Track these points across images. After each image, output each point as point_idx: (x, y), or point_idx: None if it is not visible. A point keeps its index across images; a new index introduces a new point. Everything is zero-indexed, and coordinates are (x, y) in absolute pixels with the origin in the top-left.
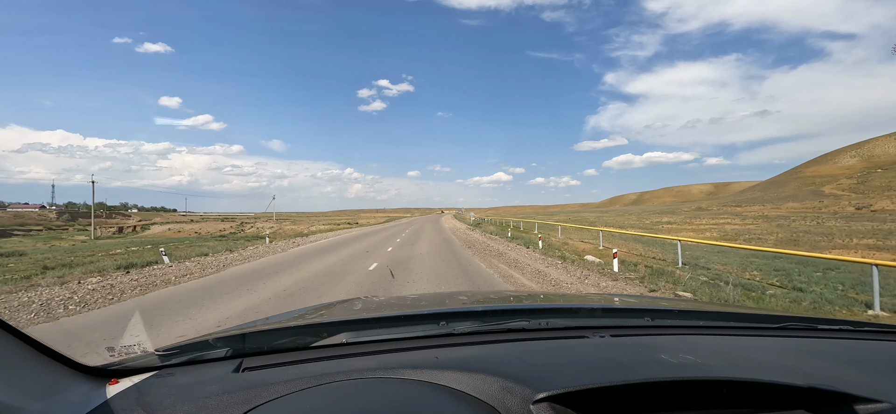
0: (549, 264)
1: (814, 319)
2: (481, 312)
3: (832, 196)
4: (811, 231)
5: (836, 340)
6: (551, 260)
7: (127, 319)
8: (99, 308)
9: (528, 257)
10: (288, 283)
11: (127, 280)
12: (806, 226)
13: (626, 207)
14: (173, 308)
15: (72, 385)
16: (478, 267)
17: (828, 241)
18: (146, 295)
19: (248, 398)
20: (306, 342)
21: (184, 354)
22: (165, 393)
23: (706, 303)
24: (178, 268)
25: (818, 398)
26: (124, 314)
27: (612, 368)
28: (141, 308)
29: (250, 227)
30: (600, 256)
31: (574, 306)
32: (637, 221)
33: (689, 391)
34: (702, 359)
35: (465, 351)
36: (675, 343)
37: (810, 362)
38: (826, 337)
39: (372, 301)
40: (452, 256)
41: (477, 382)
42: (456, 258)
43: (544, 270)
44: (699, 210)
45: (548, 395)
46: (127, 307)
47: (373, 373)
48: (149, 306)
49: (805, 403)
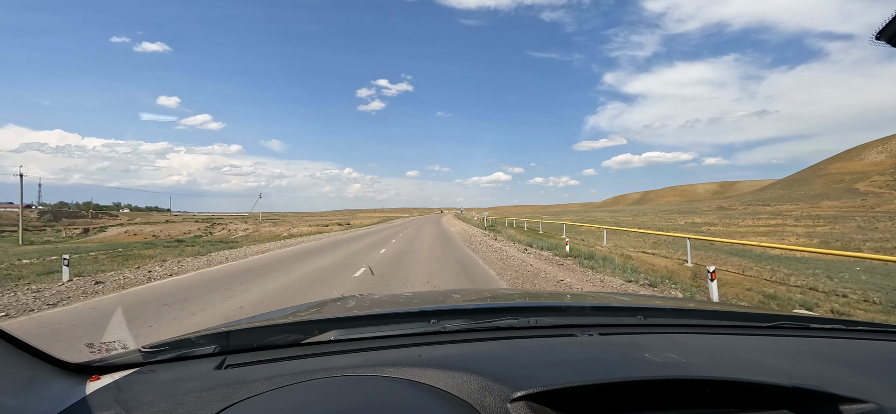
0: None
1: (807, 319)
2: (471, 310)
3: (871, 194)
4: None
5: (828, 339)
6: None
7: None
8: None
9: (615, 287)
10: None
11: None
12: (886, 226)
13: (631, 206)
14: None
15: (52, 381)
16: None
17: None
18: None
19: (227, 395)
20: (293, 340)
21: (168, 352)
22: (144, 389)
23: (701, 301)
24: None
25: (803, 398)
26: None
27: (594, 367)
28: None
29: (222, 229)
30: (694, 277)
31: (564, 305)
32: (665, 222)
33: (672, 391)
34: (686, 358)
35: (449, 349)
36: (661, 342)
37: (799, 362)
38: (818, 337)
39: (365, 299)
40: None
41: (457, 381)
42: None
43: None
44: (721, 209)
45: (525, 394)
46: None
47: (354, 370)
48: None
49: (790, 403)
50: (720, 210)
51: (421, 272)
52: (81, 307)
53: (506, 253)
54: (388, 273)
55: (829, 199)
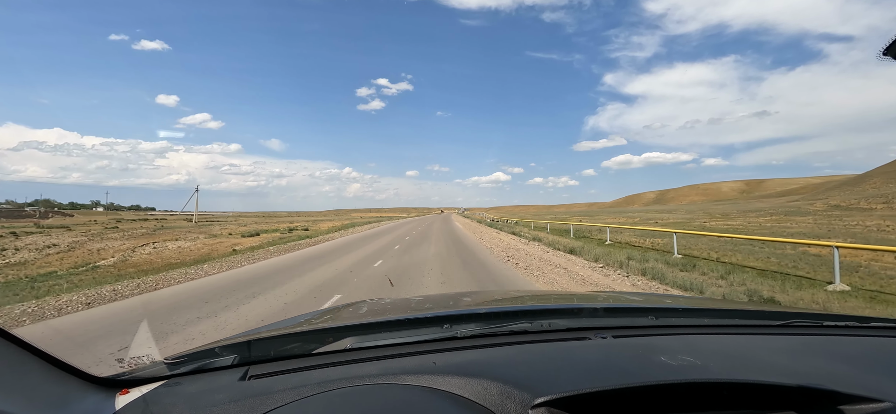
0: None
1: (820, 316)
2: (484, 314)
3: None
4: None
5: (841, 337)
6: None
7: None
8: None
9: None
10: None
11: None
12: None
13: (648, 206)
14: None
15: (84, 396)
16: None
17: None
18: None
19: (254, 406)
20: (311, 348)
21: (191, 363)
22: (173, 402)
23: (711, 299)
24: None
25: (819, 398)
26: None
27: (610, 370)
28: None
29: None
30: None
31: (576, 307)
32: (744, 223)
33: (689, 393)
34: (702, 360)
35: (466, 355)
36: (676, 344)
37: (811, 361)
38: (831, 334)
39: (378, 304)
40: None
41: (477, 387)
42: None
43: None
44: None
45: (546, 400)
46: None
47: (375, 379)
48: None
49: (806, 402)
50: (788, 214)
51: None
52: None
53: (576, 273)
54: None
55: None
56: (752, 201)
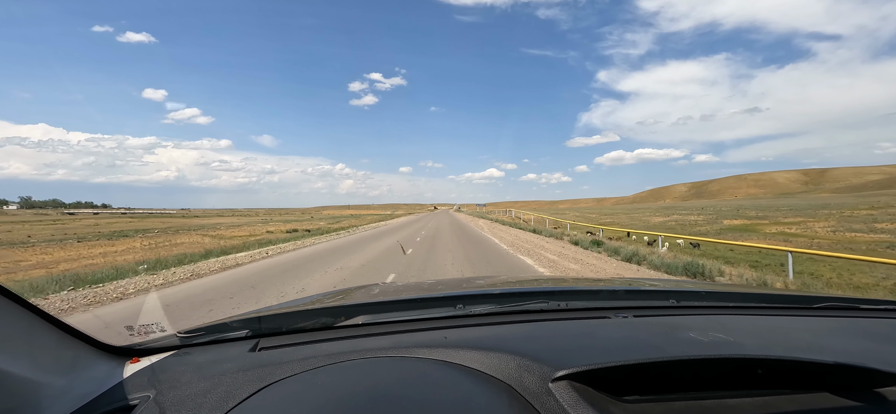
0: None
1: (856, 300)
2: (499, 295)
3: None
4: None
5: (880, 318)
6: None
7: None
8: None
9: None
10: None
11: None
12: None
13: (688, 202)
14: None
15: (95, 363)
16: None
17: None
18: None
19: (263, 376)
20: (323, 323)
21: (203, 335)
22: (183, 370)
23: (735, 285)
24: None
25: (847, 377)
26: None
27: (637, 346)
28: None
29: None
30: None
31: (595, 289)
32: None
33: (721, 370)
34: (735, 338)
35: (481, 331)
36: (703, 322)
37: (848, 341)
38: (869, 316)
39: (390, 286)
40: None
41: (493, 361)
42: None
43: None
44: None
45: (568, 373)
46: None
47: (386, 352)
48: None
49: (833, 383)
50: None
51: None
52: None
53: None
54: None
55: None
56: (824, 196)
